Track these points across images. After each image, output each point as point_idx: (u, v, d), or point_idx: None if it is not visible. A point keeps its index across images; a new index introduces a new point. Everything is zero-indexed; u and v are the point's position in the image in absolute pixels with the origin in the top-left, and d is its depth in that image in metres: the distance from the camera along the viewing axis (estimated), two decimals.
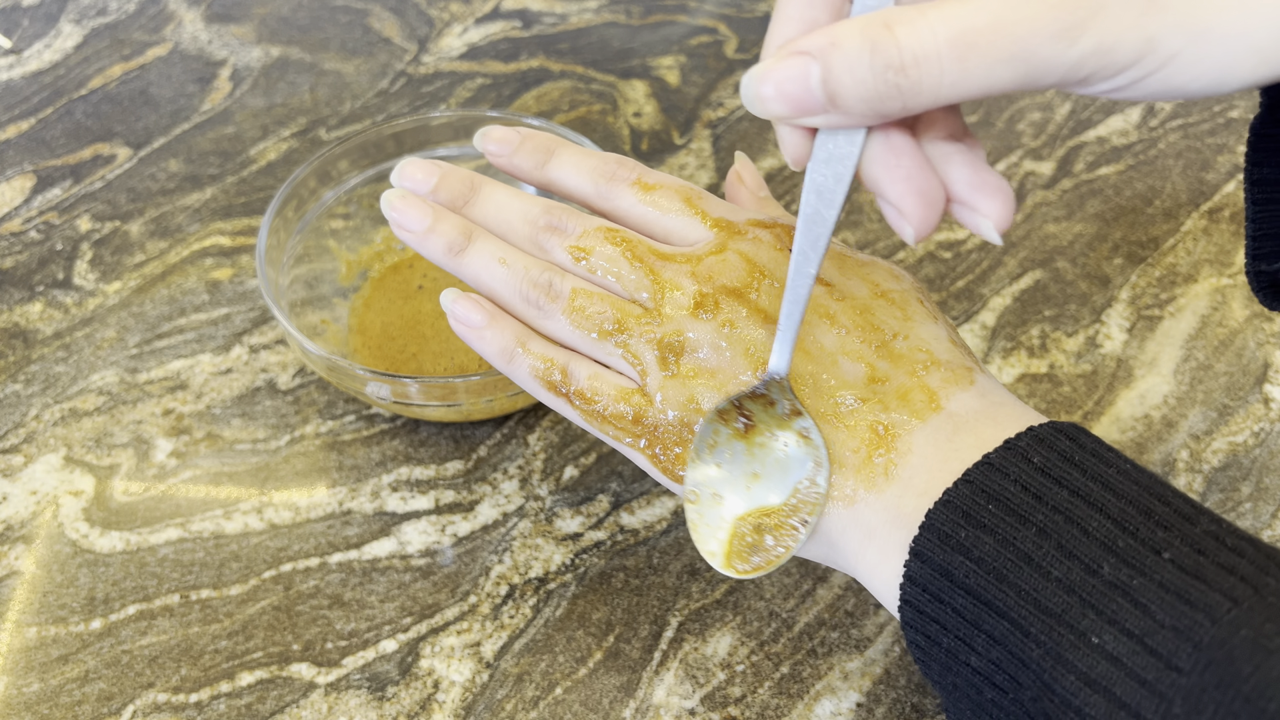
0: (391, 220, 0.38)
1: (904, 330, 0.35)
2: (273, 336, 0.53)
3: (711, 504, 0.34)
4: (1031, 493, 0.29)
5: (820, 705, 0.41)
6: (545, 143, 0.39)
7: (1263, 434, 0.49)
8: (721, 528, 0.34)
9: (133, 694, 0.41)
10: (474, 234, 0.38)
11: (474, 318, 0.37)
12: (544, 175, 0.39)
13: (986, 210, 0.29)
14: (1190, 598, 0.26)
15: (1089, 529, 0.28)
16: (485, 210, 0.39)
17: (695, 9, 0.71)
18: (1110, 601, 0.26)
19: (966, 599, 0.29)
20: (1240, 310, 0.54)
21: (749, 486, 0.34)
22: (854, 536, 0.32)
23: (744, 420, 0.34)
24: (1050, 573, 0.27)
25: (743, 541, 0.34)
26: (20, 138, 0.63)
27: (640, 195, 0.38)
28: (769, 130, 0.62)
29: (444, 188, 0.38)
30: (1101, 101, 0.64)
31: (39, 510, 0.46)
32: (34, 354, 0.52)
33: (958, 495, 0.30)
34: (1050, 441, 0.30)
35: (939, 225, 0.30)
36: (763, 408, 0.34)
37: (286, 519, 0.46)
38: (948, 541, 0.29)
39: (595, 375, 0.36)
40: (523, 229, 0.38)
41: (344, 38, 0.69)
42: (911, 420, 0.33)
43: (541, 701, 0.41)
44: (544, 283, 0.36)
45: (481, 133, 0.40)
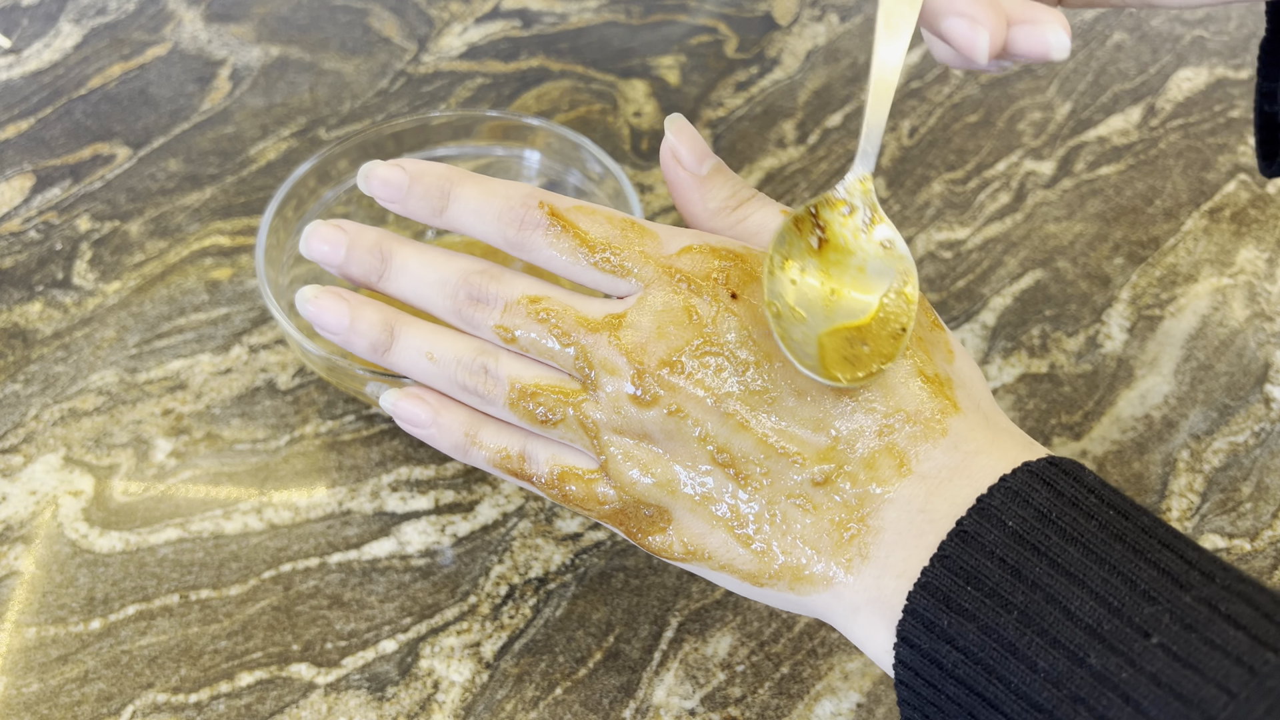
0: (310, 320, 0.35)
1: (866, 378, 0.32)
2: (272, 336, 0.53)
3: (792, 319, 0.31)
4: (1010, 567, 0.28)
5: (820, 706, 0.41)
6: (438, 183, 0.34)
7: (1263, 434, 0.49)
8: (810, 344, 0.31)
9: (132, 694, 0.41)
10: (395, 327, 0.35)
11: (420, 415, 0.34)
12: (444, 222, 0.35)
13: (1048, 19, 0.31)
14: (1182, 692, 0.25)
15: (1071, 609, 0.26)
16: (401, 285, 0.35)
17: (695, 9, 0.71)
18: (1100, 697, 0.25)
19: (958, 688, 0.28)
20: (1241, 310, 0.54)
21: (827, 304, 0.32)
22: (839, 613, 0.31)
23: (819, 235, 0.32)
24: (1036, 664, 0.26)
25: (837, 355, 0.31)
26: (19, 137, 0.63)
27: (559, 243, 0.33)
28: (769, 129, 0.62)
29: (354, 261, 0.35)
30: (1102, 101, 0.64)
31: (38, 510, 0.46)
32: (33, 354, 0.52)
33: (934, 576, 0.28)
34: (1025, 495, 0.29)
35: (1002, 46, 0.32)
36: (841, 217, 0.32)
37: (286, 519, 0.46)
38: (932, 629, 0.28)
39: (554, 459, 0.34)
40: (443, 304, 0.34)
41: (344, 37, 0.69)
42: (882, 493, 0.31)
43: (541, 702, 0.41)
44: (478, 369, 0.33)
45: (363, 173, 0.35)
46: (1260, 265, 0.55)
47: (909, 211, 0.58)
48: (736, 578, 0.32)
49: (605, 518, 0.34)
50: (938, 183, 0.60)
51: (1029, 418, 0.49)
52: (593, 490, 0.33)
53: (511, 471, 0.34)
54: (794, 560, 0.31)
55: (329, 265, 0.35)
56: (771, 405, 0.31)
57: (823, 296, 0.32)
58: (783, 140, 0.62)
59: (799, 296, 0.32)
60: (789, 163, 0.61)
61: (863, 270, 0.32)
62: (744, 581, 0.32)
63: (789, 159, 0.61)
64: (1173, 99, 0.64)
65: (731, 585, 0.33)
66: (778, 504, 0.31)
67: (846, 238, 0.32)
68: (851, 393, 0.31)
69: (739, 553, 0.32)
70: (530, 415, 0.33)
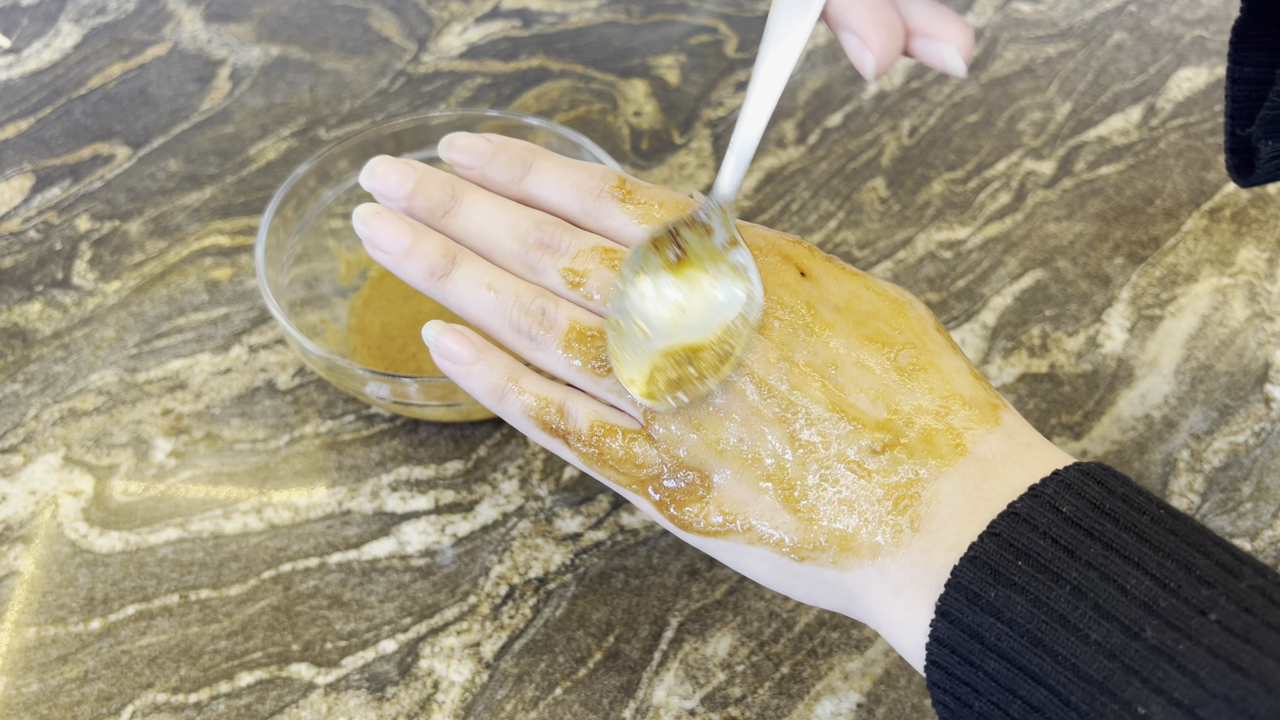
0: (365, 239, 0.35)
1: (923, 362, 0.33)
2: (272, 336, 0.53)
3: (635, 335, 0.32)
4: (1063, 546, 0.27)
5: (820, 706, 0.40)
6: (521, 153, 0.36)
7: (1264, 434, 0.49)
8: (643, 358, 0.32)
9: (132, 694, 0.41)
10: (458, 256, 0.34)
11: (461, 353, 0.34)
12: (522, 190, 0.36)
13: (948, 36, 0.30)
14: (1242, 664, 0.24)
15: (1127, 587, 0.26)
16: (468, 223, 0.35)
17: (695, 8, 0.71)
18: (1155, 668, 0.25)
19: (1000, 663, 0.27)
20: (1241, 310, 0.53)
21: (676, 321, 0.32)
22: (878, 592, 0.31)
23: (677, 252, 0.32)
24: (1089, 636, 0.26)
25: (664, 374, 0.32)
26: (19, 137, 0.62)
27: (633, 212, 0.35)
28: (769, 129, 0.62)
29: (421, 194, 0.35)
30: (1102, 101, 0.64)
31: (38, 510, 0.46)
32: (33, 354, 0.52)
33: (984, 551, 0.28)
34: (1078, 488, 0.29)
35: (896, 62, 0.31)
36: (699, 237, 0.32)
37: (286, 519, 0.46)
38: (976, 601, 0.28)
39: (595, 415, 0.33)
40: (510, 246, 0.35)
41: (343, 37, 0.69)
42: (938, 467, 0.31)
43: (541, 702, 0.41)
44: (537, 311, 0.33)
45: (446, 141, 0.36)
46: (1260, 265, 0.55)
47: (909, 211, 0.58)
48: (775, 552, 0.31)
49: (639, 484, 0.33)
50: (938, 182, 0.60)
51: (1029, 417, 0.49)
52: (632, 450, 0.32)
53: (547, 425, 0.33)
54: (842, 528, 0.31)
55: (390, 198, 0.35)
56: (836, 371, 0.32)
57: (671, 313, 0.32)
58: (783, 140, 0.62)
59: (647, 312, 0.32)
60: (789, 162, 0.61)
61: (715, 288, 0.32)
62: (783, 557, 0.31)
63: (789, 159, 0.61)
64: (1173, 99, 0.64)
65: (766, 564, 0.32)
66: (831, 469, 0.31)
67: (703, 257, 0.32)
68: (911, 372, 0.32)
69: (784, 519, 0.31)
70: (585, 357, 0.33)
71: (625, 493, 0.33)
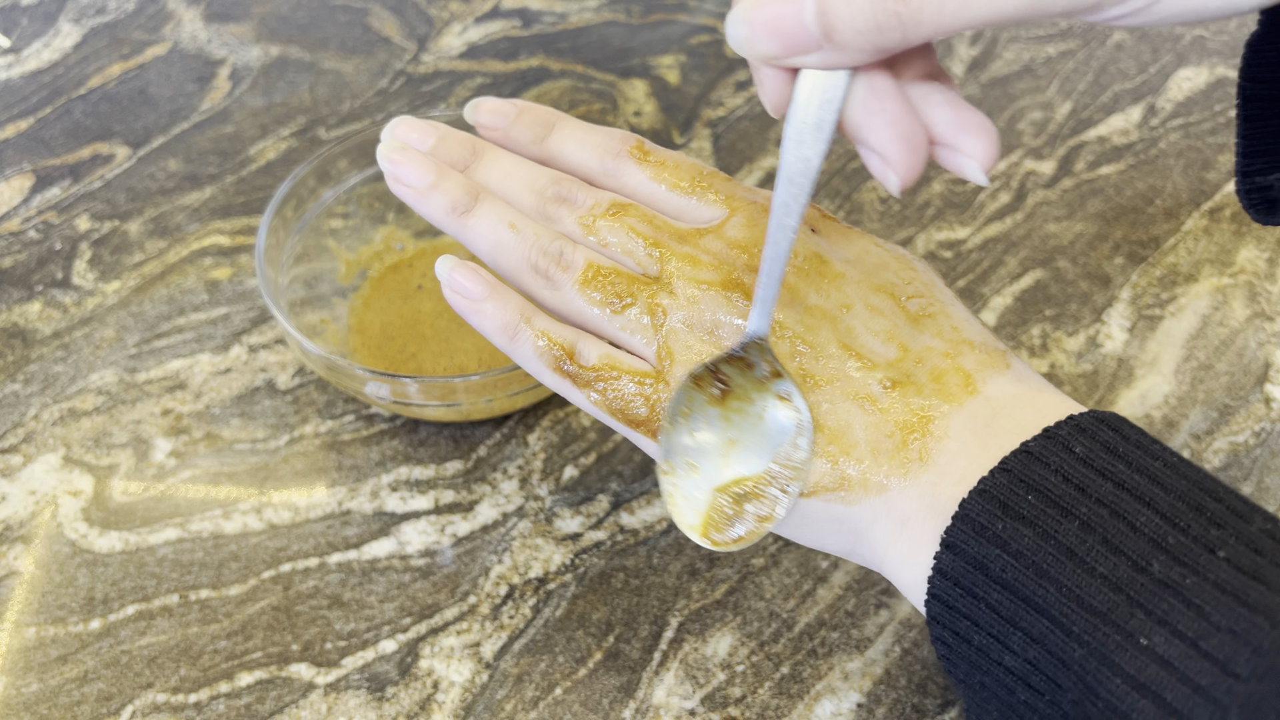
0: (389, 174, 0.35)
1: (932, 310, 0.33)
2: (272, 336, 0.53)
3: (687, 474, 0.32)
4: (1074, 484, 0.27)
5: (820, 706, 0.40)
6: (544, 116, 0.37)
7: (1264, 434, 0.49)
8: (699, 500, 0.32)
9: (132, 694, 0.41)
10: (480, 194, 0.35)
11: (474, 289, 0.34)
12: (544, 150, 0.37)
13: (971, 150, 0.28)
14: (1249, 599, 0.24)
15: (1136, 524, 0.26)
16: (488, 178, 0.36)
17: (695, 8, 0.71)
18: (1161, 601, 0.25)
19: (1003, 594, 0.27)
20: (1241, 310, 0.53)
21: (726, 455, 0.32)
22: (885, 526, 0.31)
23: (720, 386, 0.32)
24: (1095, 569, 0.26)
25: (721, 513, 0.32)
26: (19, 137, 0.62)
27: (649, 172, 0.36)
28: (770, 129, 0.62)
29: (442, 150, 0.36)
30: (1102, 100, 0.64)
31: (38, 510, 0.46)
32: (33, 354, 0.52)
33: (994, 484, 0.28)
34: (1092, 431, 0.28)
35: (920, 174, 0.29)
36: (740, 371, 0.32)
37: (286, 519, 0.46)
38: (983, 533, 0.28)
39: (607, 355, 0.33)
40: (528, 198, 0.36)
41: (343, 37, 0.69)
42: (947, 404, 0.31)
43: (541, 702, 0.41)
44: (555, 252, 0.34)
45: (473, 104, 0.37)
46: (1260, 265, 0.55)
47: (909, 211, 0.58)
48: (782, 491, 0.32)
49: (646, 422, 0.33)
50: (938, 182, 0.60)
51: None
52: (643, 391, 0.32)
53: (557, 364, 0.33)
54: (852, 463, 0.31)
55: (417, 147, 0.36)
56: (847, 314, 0.32)
57: (720, 446, 0.32)
58: None
59: (696, 448, 0.32)
60: None
61: (762, 419, 0.32)
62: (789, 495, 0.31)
63: None
64: (1173, 98, 0.64)
65: None
66: (841, 405, 0.31)
67: (747, 388, 0.32)
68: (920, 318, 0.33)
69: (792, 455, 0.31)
70: (604, 291, 0.33)
71: (632, 435, 0.33)
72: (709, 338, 0.32)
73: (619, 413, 0.33)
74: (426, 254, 0.54)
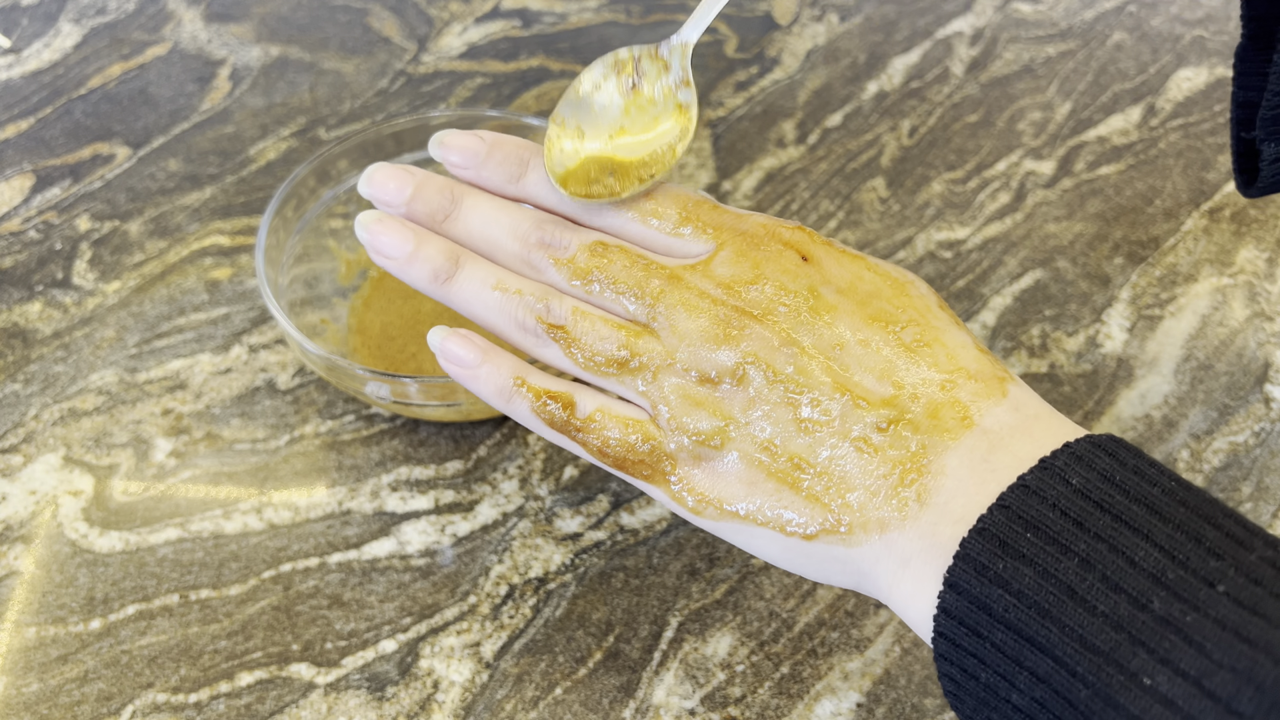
0: (367, 245, 0.35)
1: (927, 338, 0.33)
2: (272, 336, 0.53)
3: (573, 135, 0.36)
4: (1072, 519, 0.27)
5: (820, 705, 0.41)
6: (516, 152, 0.36)
7: (1263, 434, 0.49)
8: (572, 158, 0.35)
9: (132, 694, 0.41)
10: (461, 258, 0.35)
11: (467, 356, 0.34)
12: (520, 190, 0.36)
13: None
14: (1249, 635, 0.24)
15: (1135, 559, 0.26)
16: (469, 226, 0.35)
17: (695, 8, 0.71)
18: (1162, 639, 0.25)
19: (1007, 634, 0.27)
20: (1241, 310, 0.53)
21: (612, 136, 0.36)
22: (887, 567, 0.31)
23: (633, 80, 0.36)
24: (1096, 608, 0.26)
25: (586, 174, 0.35)
26: (19, 137, 0.62)
27: (634, 206, 0.35)
28: (769, 129, 0.62)
29: (420, 200, 0.35)
30: (1102, 101, 0.64)
31: (38, 510, 0.46)
32: (33, 354, 0.52)
33: (993, 523, 0.28)
34: (1089, 460, 0.29)
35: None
36: (658, 72, 0.36)
37: (286, 519, 0.46)
38: (985, 573, 0.28)
39: (603, 409, 0.33)
40: (511, 246, 0.35)
41: (343, 37, 0.69)
42: (944, 440, 0.31)
43: (541, 702, 0.41)
44: (541, 310, 0.34)
45: (438, 140, 0.36)
46: (1260, 265, 0.55)
47: (909, 211, 0.58)
48: (784, 533, 0.31)
49: (648, 473, 0.33)
50: (938, 182, 0.60)
51: None
52: (639, 439, 0.33)
53: (553, 421, 0.34)
54: (849, 505, 0.31)
55: (390, 205, 0.36)
56: (841, 352, 0.32)
57: (610, 129, 0.36)
58: (782, 140, 0.62)
59: (591, 120, 0.36)
60: (789, 162, 0.61)
61: (655, 121, 0.36)
62: (791, 537, 0.31)
63: (789, 159, 0.61)
64: (1173, 99, 0.64)
65: (776, 545, 0.32)
66: (838, 448, 0.31)
67: (655, 90, 0.36)
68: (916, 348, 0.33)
69: (791, 499, 0.31)
70: (589, 348, 0.33)
71: (636, 482, 0.33)
72: (702, 384, 0.32)
73: (617, 461, 0.33)
74: None
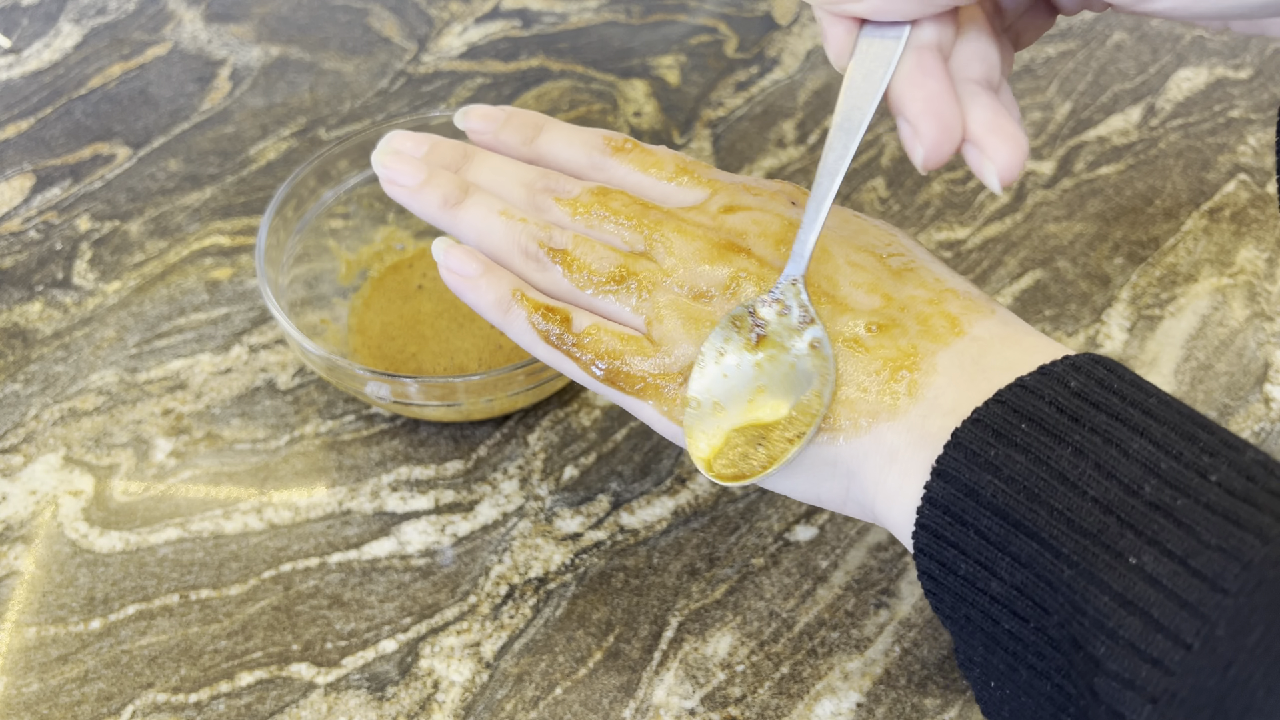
0: (383, 176, 0.37)
1: (914, 265, 0.34)
2: (272, 336, 0.53)
3: (711, 413, 0.33)
4: (1068, 414, 0.27)
5: (820, 705, 0.41)
6: (531, 119, 0.39)
7: (1263, 434, 0.49)
8: (716, 436, 0.33)
9: (132, 694, 0.41)
10: (470, 187, 0.37)
11: (468, 267, 0.36)
12: (533, 150, 0.39)
13: (994, 154, 0.30)
14: (1239, 518, 0.24)
15: (1129, 450, 0.26)
16: (479, 174, 0.38)
17: (695, 8, 0.71)
18: (1151, 522, 0.25)
19: (993, 519, 0.27)
20: (1241, 310, 0.54)
21: (752, 400, 0.33)
22: (874, 462, 0.31)
23: (757, 330, 0.33)
24: (1086, 492, 0.26)
25: (733, 449, 0.33)
26: (20, 137, 0.63)
27: (634, 163, 0.38)
28: (769, 129, 0.62)
29: (435, 155, 0.38)
30: (1102, 101, 0.64)
31: (38, 510, 0.46)
32: (33, 354, 0.52)
33: (988, 414, 0.28)
34: (1087, 369, 0.29)
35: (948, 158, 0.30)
36: (777, 314, 0.33)
37: (286, 519, 0.46)
38: (975, 460, 0.28)
39: (597, 325, 0.35)
40: (518, 192, 0.37)
41: (343, 37, 0.69)
42: (935, 344, 0.31)
43: (541, 701, 0.41)
44: (544, 236, 0.36)
45: (462, 111, 0.39)
46: (1260, 265, 0.55)
47: (909, 211, 0.58)
48: None
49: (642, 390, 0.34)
50: (938, 183, 0.60)
51: None
52: (634, 354, 0.34)
53: (549, 334, 0.35)
54: (839, 398, 0.31)
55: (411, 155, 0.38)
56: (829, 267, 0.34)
57: (749, 392, 0.33)
58: (782, 140, 0.62)
59: (726, 390, 0.33)
60: (789, 163, 0.61)
61: (793, 369, 0.33)
62: None
63: (789, 159, 0.61)
64: (1173, 99, 0.64)
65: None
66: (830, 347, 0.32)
67: (782, 336, 0.33)
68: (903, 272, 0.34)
69: None
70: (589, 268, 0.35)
71: (626, 400, 0.34)
72: (698, 301, 0.34)
73: (609, 375, 0.34)
74: (427, 254, 0.54)
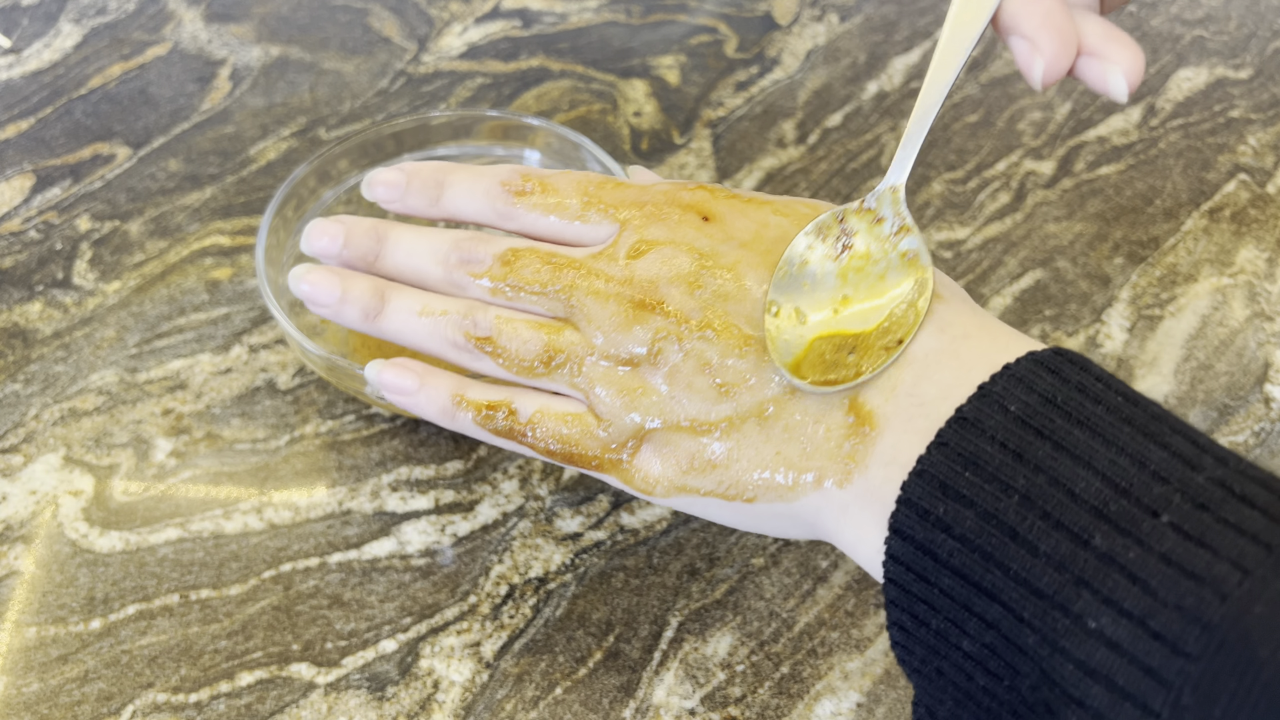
0: (305, 300, 0.37)
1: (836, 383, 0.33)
2: (272, 336, 0.53)
3: (791, 320, 0.32)
4: (1011, 451, 0.27)
5: (820, 705, 0.41)
6: (433, 175, 0.38)
7: (1263, 434, 0.49)
8: (799, 345, 0.31)
9: (132, 694, 0.41)
10: (386, 293, 0.36)
11: (404, 384, 0.36)
12: (440, 209, 0.38)
13: (1118, 58, 0.30)
14: (1195, 570, 0.23)
15: (1076, 491, 0.25)
16: (396, 259, 0.37)
17: (695, 8, 0.71)
18: (1105, 578, 0.24)
19: (954, 580, 0.27)
20: (1241, 310, 0.54)
21: (837, 311, 0.32)
22: (830, 517, 0.31)
23: (844, 244, 0.32)
24: (1038, 548, 0.25)
25: (820, 358, 0.31)
26: (20, 137, 0.63)
27: (539, 206, 0.36)
28: (769, 129, 0.63)
29: (351, 245, 0.37)
30: (1102, 101, 0.64)
31: (38, 510, 0.46)
32: (33, 354, 0.52)
33: (932, 464, 0.28)
34: (1030, 381, 0.28)
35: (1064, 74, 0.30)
36: (868, 225, 0.32)
37: (286, 519, 0.46)
38: (926, 518, 0.27)
39: (542, 409, 0.34)
40: (436, 271, 0.36)
41: (344, 37, 0.69)
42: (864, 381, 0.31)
43: (541, 701, 0.41)
44: (468, 325, 0.35)
45: (366, 181, 0.38)
46: (1260, 265, 0.55)
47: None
48: (726, 500, 0.32)
49: (598, 462, 0.34)
50: (938, 182, 0.60)
51: None
52: (581, 431, 0.34)
53: (498, 428, 0.35)
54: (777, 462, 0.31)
55: (329, 258, 0.38)
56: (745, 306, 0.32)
57: (833, 301, 0.32)
58: (783, 140, 0.62)
59: (807, 298, 0.32)
60: (789, 163, 0.61)
61: (882, 279, 0.32)
62: (733, 502, 0.32)
63: (789, 159, 0.61)
64: (1173, 99, 0.64)
65: (726, 510, 0.32)
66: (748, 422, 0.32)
67: (871, 246, 0.32)
68: None
69: None
70: (516, 354, 0.34)
71: (591, 473, 0.34)
72: (626, 366, 0.33)
73: (565, 457, 0.34)
74: None
